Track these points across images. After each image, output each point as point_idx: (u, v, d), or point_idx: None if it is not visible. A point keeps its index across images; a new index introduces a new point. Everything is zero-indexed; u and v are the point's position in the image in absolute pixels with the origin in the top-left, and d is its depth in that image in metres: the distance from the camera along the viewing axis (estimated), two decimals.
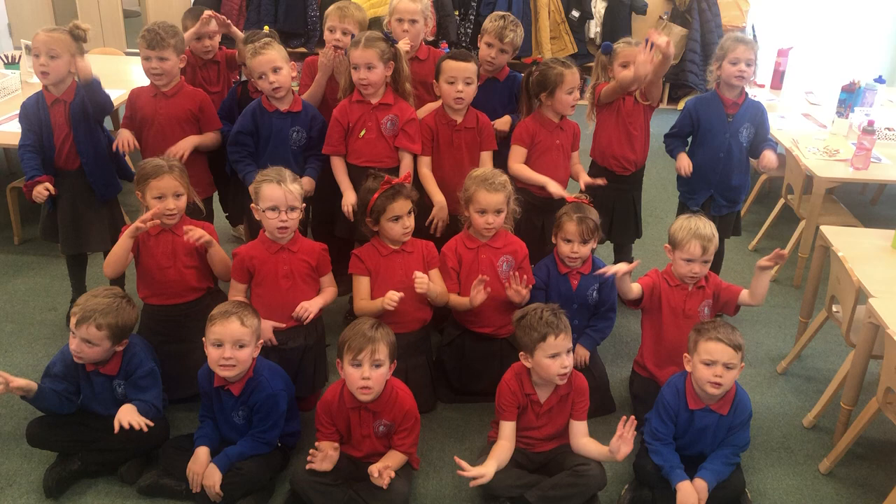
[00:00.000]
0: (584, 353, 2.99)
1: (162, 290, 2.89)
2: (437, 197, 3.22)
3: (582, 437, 2.61)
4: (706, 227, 2.85)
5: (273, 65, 3.12)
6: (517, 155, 3.30)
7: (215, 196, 3.72)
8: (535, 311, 2.53)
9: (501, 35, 3.35)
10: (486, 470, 2.43)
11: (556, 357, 2.48)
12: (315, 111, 3.32)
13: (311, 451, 2.46)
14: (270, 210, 2.74)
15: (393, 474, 2.40)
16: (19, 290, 3.81)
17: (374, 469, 2.38)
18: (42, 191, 3.06)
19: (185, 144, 3.27)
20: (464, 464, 2.41)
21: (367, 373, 2.40)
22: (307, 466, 2.44)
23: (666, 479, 2.52)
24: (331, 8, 3.46)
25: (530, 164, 3.30)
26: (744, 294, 2.89)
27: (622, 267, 2.75)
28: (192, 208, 3.00)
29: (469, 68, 3.15)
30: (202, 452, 2.54)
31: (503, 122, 3.43)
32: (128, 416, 2.49)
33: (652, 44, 3.09)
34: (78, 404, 2.65)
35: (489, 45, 3.40)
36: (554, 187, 3.19)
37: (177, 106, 3.30)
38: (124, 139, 3.23)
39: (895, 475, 2.53)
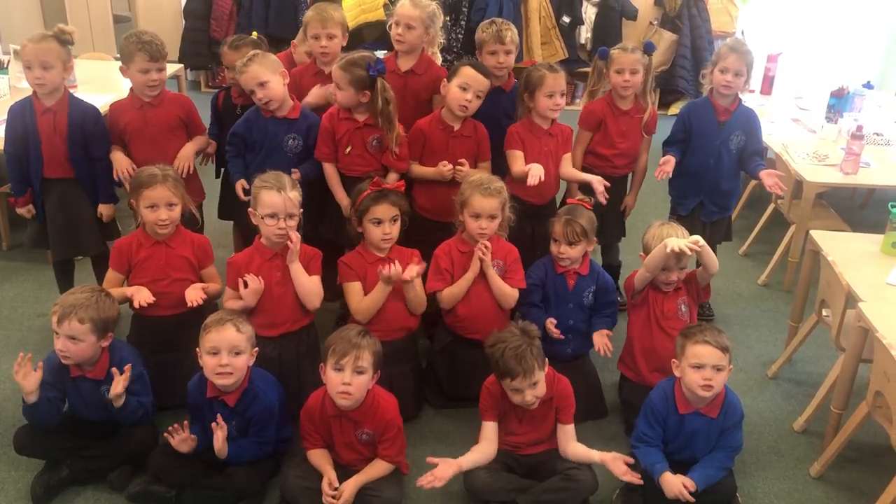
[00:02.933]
0: (604, 339, 2.96)
1: (154, 301, 2.86)
2: (431, 170, 3.23)
3: (570, 442, 2.61)
4: (678, 235, 2.85)
5: (258, 80, 3.09)
6: (516, 159, 3.28)
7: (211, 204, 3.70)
8: (500, 345, 2.49)
9: (500, 37, 3.34)
10: (448, 471, 2.44)
11: (516, 392, 2.49)
12: (314, 119, 3.27)
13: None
14: (269, 217, 2.72)
15: None
16: (7, 295, 3.79)
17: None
18: (25, 213, 3.15)
19: (186, 154, 3.27)
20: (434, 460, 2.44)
21: (348, 378, 2.39)
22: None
23: (658, 485, 2.51)
24: (309, 15, 3.41)
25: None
26: (699, 271, 2.91)
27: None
28: (189, 218, 2.99)
29: (485, 83, 3.16)
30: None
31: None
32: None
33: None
34: (65, 412, 2.63)
35: (493, 52, 3.38)
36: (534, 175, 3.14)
37: (166, 113, 3.29)
38: (122, 168, 3.19)
39: (885, 479, 2.53)
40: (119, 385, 2.49)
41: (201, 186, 3.53)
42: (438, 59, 3.58)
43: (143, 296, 2.80)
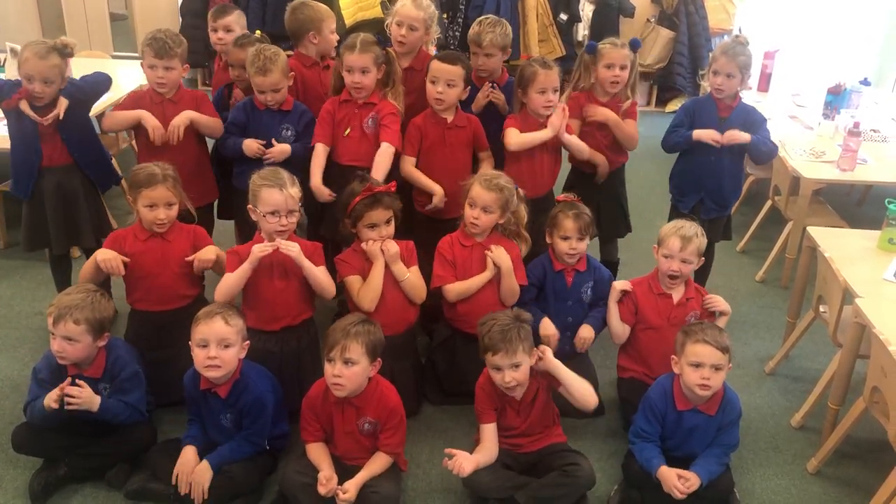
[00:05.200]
0: (588, 335, 3.03)
1: (151, 296, 2.87)
2: (435, 188, 3.23)
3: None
4: (691, 228, 2.89)
5: (275, 87, 3.16)
6: (513, 132, 3.25)
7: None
8: (490, 322, 2.52)
9: (478, 40, 3.35)
10: (467, 465, 2.46)
11: (497, 371, 2.50)
12: (304, 108, 3.33)
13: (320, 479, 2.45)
14: (271, 215, 2.72)
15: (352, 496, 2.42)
16: (4, 294, 3.78)
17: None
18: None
19: (181, 120, 3.21)
20: (453, 451, 2.47)
21: (338, 370, 2.40)
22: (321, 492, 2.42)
23: (655, 480, 2.52)
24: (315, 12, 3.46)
25: (515, 163, 3.29)
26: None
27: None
28: (184, 213, 2.98)
29: (453, 71, 3.15)
30: (189, 451, 2.54)
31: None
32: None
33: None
34: (63, 410, 2.62)
35: (474, 53, 3.41)
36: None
37: (183, 111, 3.28)
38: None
39: (882, 474, 2.53)
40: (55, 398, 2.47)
41: (214, 185, 3.52)
42: (433, 52, 3.58)
43: (111, 263, 2.74)
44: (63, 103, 3.06)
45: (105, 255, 2.77)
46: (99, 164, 3.29)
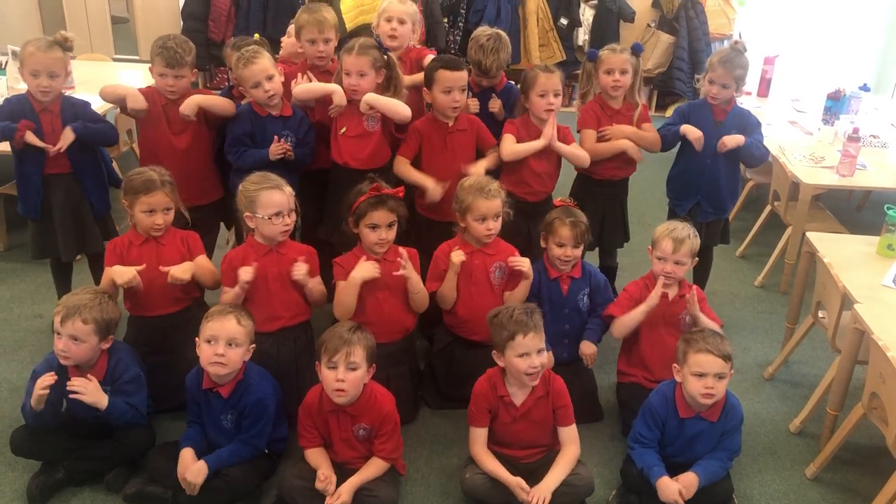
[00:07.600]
0: (592, 350, 3.02)
1: (147, 301, 2.86)
2: (426, 181, 3.22)
3: (569, 446, 2.59)
4: (684, 230, 2.90)
5: (266, 73, 3.12)
6: (508, 140, 3.27)
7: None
8: (508, 309, 2.53)
9: (486, 70, 3.37)
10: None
11: (525, 356, 2.47)
12: (303, 114, 3.31)
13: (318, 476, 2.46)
14: (275, 216, 2.73)
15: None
16: (4, 297, 3.78)
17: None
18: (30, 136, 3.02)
19: (189, 108, 3.19)
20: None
21: (341, 375, 2.40)
22: (316, 485, 2.43)
23: (653, 485, 2.51)
24: (304, 18, 3.36)
25: (514, 169, 3.30)
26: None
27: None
28: (178, 217, 2.98)
29: (463, 76, 3.19)
30: (187, 454, 2.53)
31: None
32: None
33: None
34: (63, 413, 2.62)
35: (478, 74, 3.43)
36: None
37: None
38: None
39: (881, 480, 2.53)
40: (83, 389, 2.49)
41: (219, 183, 3.50)
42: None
43: (123, 277, 2.74)
44: (69, 138, 3.06)
45: (124, 278, 2.74)
46: (95, 185, 3.28)
